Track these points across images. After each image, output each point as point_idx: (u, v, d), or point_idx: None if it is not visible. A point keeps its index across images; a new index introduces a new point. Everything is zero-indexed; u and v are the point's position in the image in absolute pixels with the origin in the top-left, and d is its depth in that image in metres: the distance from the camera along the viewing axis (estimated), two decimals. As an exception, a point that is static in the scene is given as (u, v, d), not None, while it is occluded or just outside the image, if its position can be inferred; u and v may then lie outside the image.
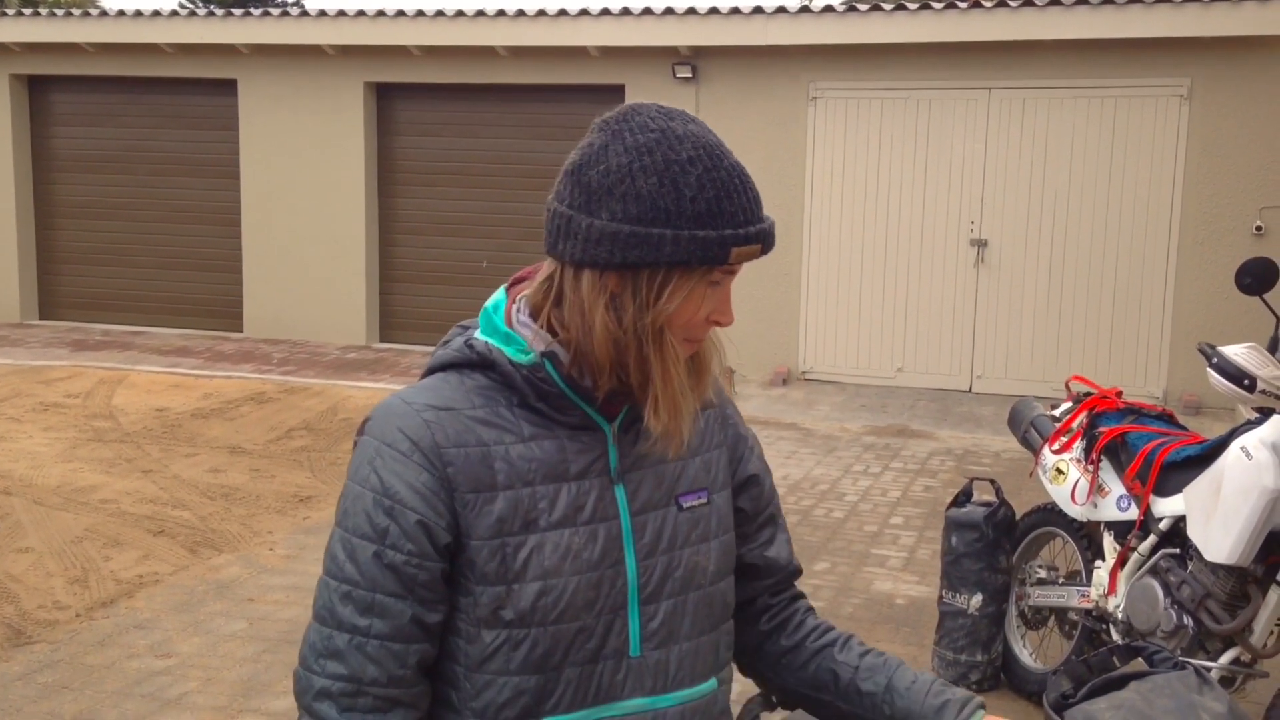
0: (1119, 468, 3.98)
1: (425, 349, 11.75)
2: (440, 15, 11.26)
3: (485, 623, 1.39)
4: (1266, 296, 3.87)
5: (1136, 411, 4.13)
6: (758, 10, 10.44)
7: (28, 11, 13.48)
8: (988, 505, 4.44)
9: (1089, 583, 4.07)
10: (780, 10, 10.35)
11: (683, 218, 1.33)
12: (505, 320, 1.45)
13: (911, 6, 9.98)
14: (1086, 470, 4.06)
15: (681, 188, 1.34)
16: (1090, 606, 4.04)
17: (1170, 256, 9.88)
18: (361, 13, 11.52)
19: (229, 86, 12.35)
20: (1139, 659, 1.56)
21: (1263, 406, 3.63)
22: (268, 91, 12.19)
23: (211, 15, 12.42)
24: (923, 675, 1.56)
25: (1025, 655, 4.49)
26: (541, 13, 11.09)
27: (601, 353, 1.37)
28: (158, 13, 12.13)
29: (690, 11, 10.67)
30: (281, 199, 12.26)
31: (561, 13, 10.99)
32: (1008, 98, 10.16)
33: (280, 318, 12.39)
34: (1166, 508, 3.76)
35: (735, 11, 10.48)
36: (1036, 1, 9.65)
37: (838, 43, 10.24)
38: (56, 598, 5.24)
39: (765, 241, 1.39)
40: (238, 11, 12.05)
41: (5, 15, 12.84)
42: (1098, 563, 4.03)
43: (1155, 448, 3.84)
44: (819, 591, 5.51)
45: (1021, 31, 9.73)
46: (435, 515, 1.37)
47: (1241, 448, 3.48)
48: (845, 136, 10.56)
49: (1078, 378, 4.42)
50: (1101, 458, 4.03)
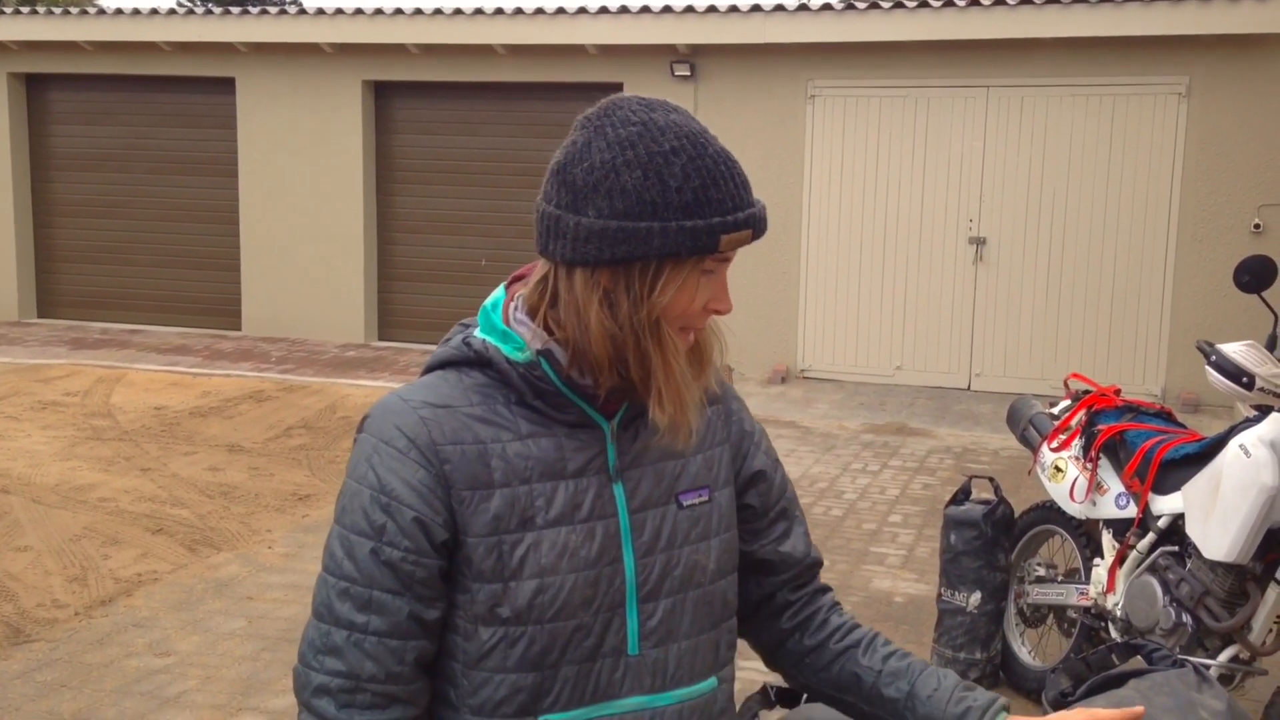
0: (1118, 465, 3.98)
1: (424, 347, 11.75)
2: (438, 13, 11.26)
3: (482, 620, 1.39)
4: (1265, 294, 3.87)
5: (1135, 409, 4.13)
6: (756, 8, 10.43)
7: (26, 10, 13.46)
8: (986, 503, 4.44)
9: (1088, 580, 4.07)
10: (779, 8, 10.35)
11: (670, 209, 1.33)
12: (503, 318, 1.45)
13: (910, 4, 9.97)
14: (1085, 468, 4.06)
15: (666, 179, 1.33)
16: (1089, 604, 4.04)
17: (1169, 254, 9.88)
18: (360, 11, 11.52)
19: (227, 85, 12.34)
20: (1138, 657, 1.56)
21: (1261, 404, 3.64)
22: (266, 90, 12.18)
23: (210, 14, 12.40)
24: (946, 680, 1.54)
25: (1024, 653, 4.50)
26: (540, 11, 11.08)
27: (600, 350, 1.37)
28: (156, 11, 12.12)
29: (689, 9, 10.67)
30: (280, 197, 12.25)
31: (560, 11, 10.99)
32: (1006, 96, 10.16)
33: (279, 316, 12.38)
34: (1165, 505, 3.76)
35: (734, 9, 10.48)
36: (1035, -1, 9.67)
37: (836, 41, 10.24)
38: (55, 596, 5.24)
39: (756, 227, 1.38)
40: (236, 10, 12.03)
41: (3, 13, 12.82)
42: (1096, 560, 4.03)
43: (1154, 445, 3.84)
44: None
45: (1020, 29, 9.73)
46: (432, 512, 1.37)
47: (1240, 445, 3.48)
48: (844, 134, 10.56)
49: (1076, 375, 4.42)
50: (1100, 455, 4.03)
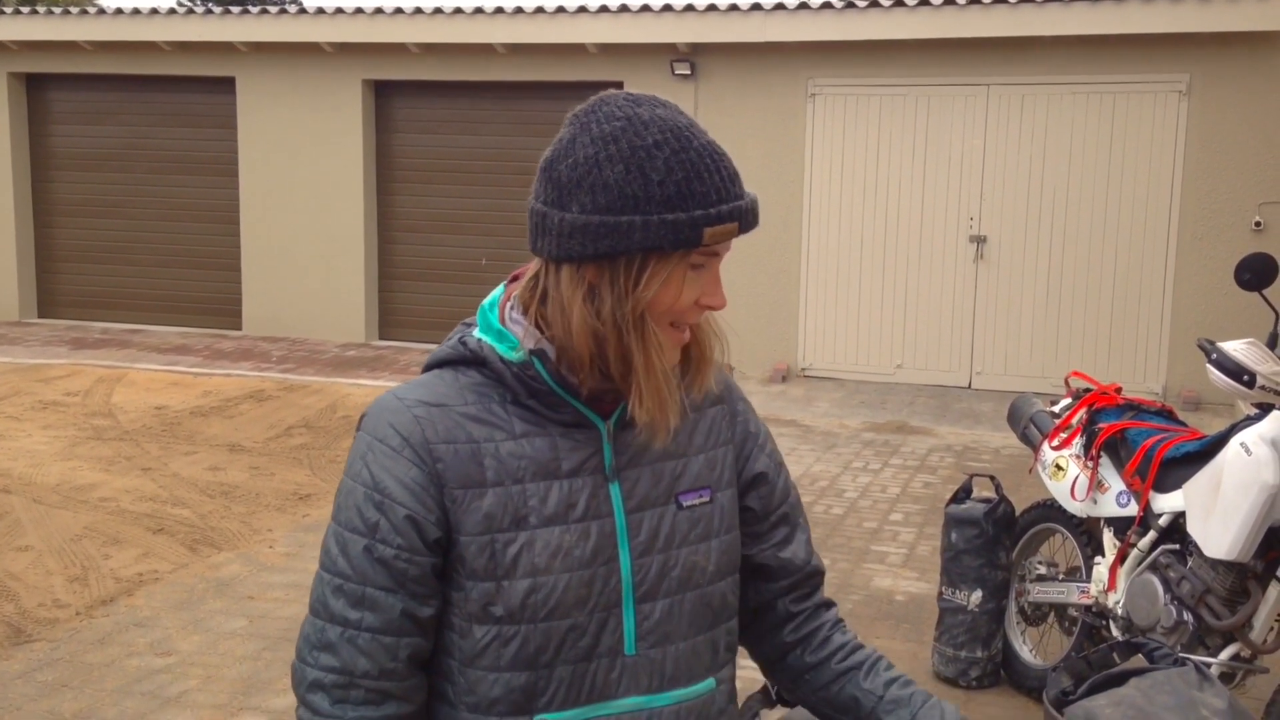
0: (1118, 464, 3.98)
1: (424, 346, 11.75)
2: (438, 12, 11.26)
3: (476, 618, 1.39)
4: (1266, 292, 3.86)
5: (1136, 407, 4.13)
6: (756, 7, 10.42)
7: (26, 10, 13.46)
8: (987, 501, 4.44)
9: (1089, 579, 4.07)
10: (779, 7, 10.34)
11: (651, 202, 1.32)
12: (499, 317, 1.44)
13: (910, 3, 9.96)
14: (1086, 466, 4.06)
15: (648, 173, 1.32)
16: (1090, 603, 4.04)
17: (1169, 252, 9.88)
18: (360, 10, 11.51)
19: (227, 84, 12.34)
20: (1139, 655, 1.56)
21: (1262, 402, 3.63)
22: (266, 89, 12.18)
23: (210, 13, 12.40)
24: (949, 714, 1.51)
25: (1025, 651, 4.50)
26: (540, 10, 11.08)
27: (581, 346, 1.36)
28: (156, 11, 12.12)
29: (689, 8, 10.66)
30: (280, 197, 12.25)
31: (560, 10, 10.98)
32: (1006, 94, 10.16)
33: (279, 315, 12.38)
34: (1166, 504, 3.76)
35: (734, 8, 10.47)
36: (1035, -3, 9.66)
37: (836, 39, 10.24)
38: (56, 596, 5.24)
39: (742, 219, 1.36)
40: (236, 9, 12.03)
41: (3, 13, 12.82)
42: (1097, 559, 4.03)
43: (1155, 444, 3.84)
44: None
45: (1020, 27, 9.73)
46: (424, 510, 1.37)
47: (1241, 443, 3.48)
48: (844, 133, 10.56)
49: (1077, 374, 4.42)
50: (1101, 454, 4.03)
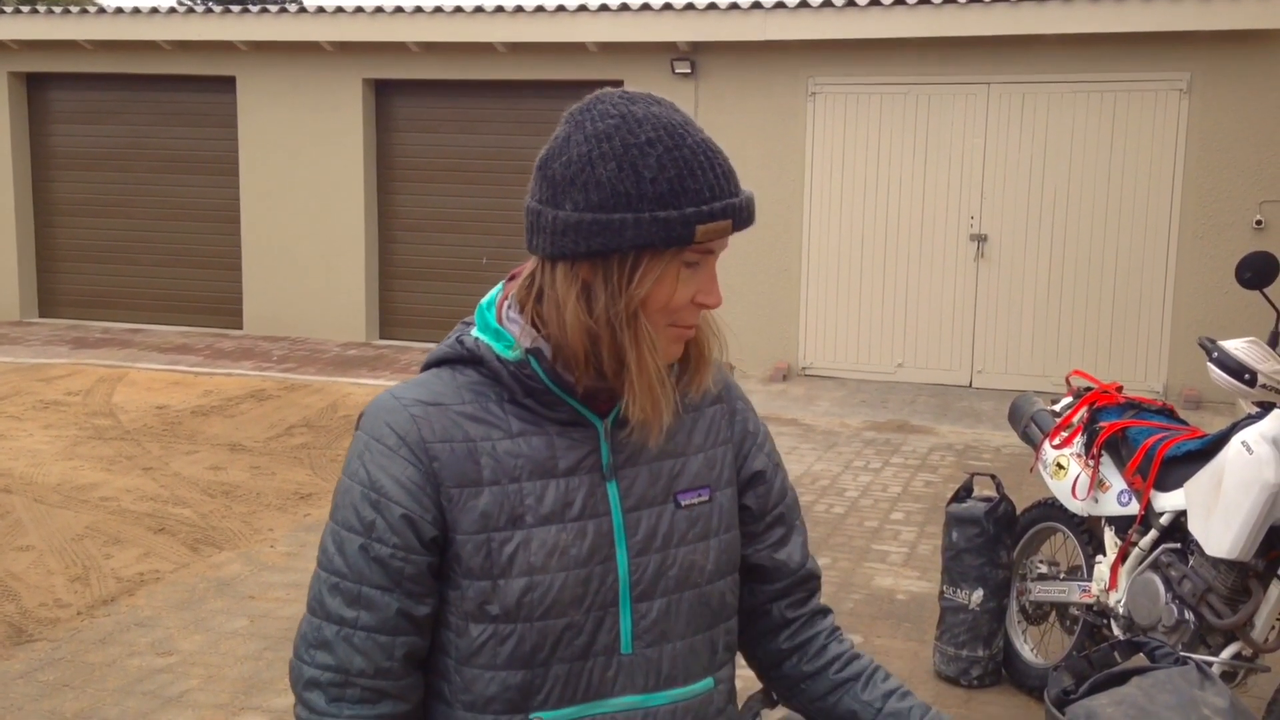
0: (1120, 463, 3.98)
1: (425, 346, 11.74)
2: (439, 11, 11.25)
3: (472, 617, 1.39)
4: (1267, 291, 3.86)
5: (1137, 406, 4.13)
6: (757, 5, 10.42)
7: (26, 9, 13.45)
8: (988, 500, 4.44)
9: (1090, 578, 4.07)
10: (779, 5, 10.33)
11: (644, 200, 1.32)
12: (496, 316, 1.45)
13: (910, 1, 9.96)
14: (1087, 465, 4.06)
15: (640, 170, 1.32)
16: (1091, 602, 4.04)
17: (1170, 251, 9.88)
18: (360, 9, 11.51)
19: (228, 84, 12.34)
20: (1140, 654, 1.56)
21: (1263, 401, 3.63)
22: (266, 88, 12.18)
23: (210, 12, 12.40)
24: None
25: (1026, 650, 4.49)
26: (540, 8, 11.07)
27: (576, 343, 1.36)
28: (156, 10, 12.12)
29: (689, 7, 10.65)
30: (280, 196, 12.25)
31: (560, 8, 10.98)
32: (1007, 92, 10.15)
33: (280, 315, 12.38)
34: (1167, 502, 3.76)
35: (734, 7, 10.47)
36: (1036, -4, 9.65)
37: (836, 38, 10.23)
38: (57, 596, 5.24)
39: (736, 216, 1.36)
40: (236, 8, 12.04)
41: (4, 13, 12.82)
42: (1099, 558, 4.03)
43: (1156, 442, 3.84)
44: (822, 579, 5.51)
45: (1021, 26, 9.72)
46: (420, 509, 1.38)
47: (1242, 442, 3.48)
48: (844, 132, 10.55)
49: (1078, 372, 4.42)
50: (1102, 453, 4.03)
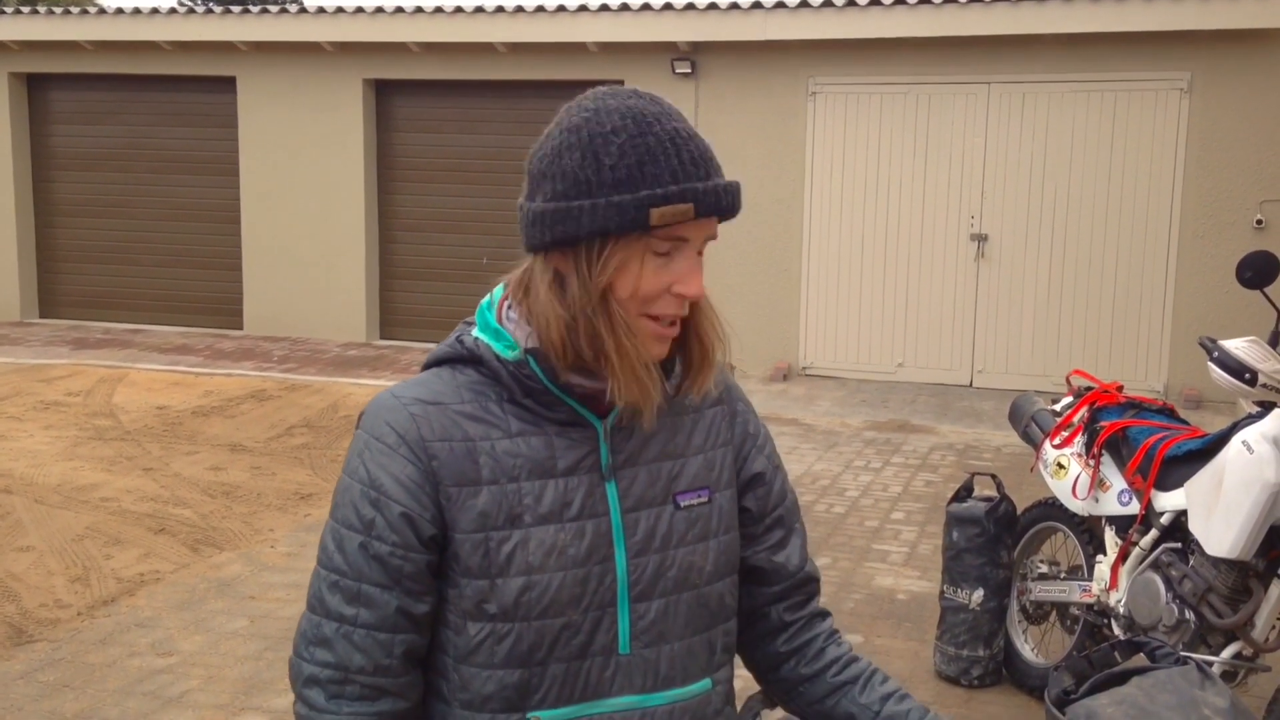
0: (1120, 462, 3.97)
1: (425, 346, 11.74)
2: (439, 11, 11.25)
3: (470, 615, 1.40)
4: (1267, 290, 3.86)
5: (1137, 406, 4.13)
6: (757, 5, 10.41)
7: (26, 9, 13.46)
8: (989, 500, 4.44)
9: (1090, 577, 4.07)
10: (779, 5, 10.33)
11: (602, 186, 1.34)
12: (496, 316, 1.45)
13: (910, 1, 9.96)
14: (1088, 465, 4.05)
15: (602, 158, 1.34)
16: (1092, 601, 4.04)
17: (1171, 250, 9.87)
18: (360, 9, 11.51)
19: (228, 84, 12.34)
20: (1141, 654, 1.56)
21: (1264, 400, 3.63)
22: (267, 89, 12.18)
23: (210, 13, 12.40)
24: None
25: (1027, 650, 4.49)
26: (540, 9, 11.07)
27: (553, 333, 1.37)
28: (156, 10, 12.12)
29: (689, 7, 10.65)
30: (281, 196, 12.25)
31: (560, 9, 10.98)
32: (1007, 92, 10.15)
33: (280, 315, 12.38)
34: (1168, 502, 3.76)
35: (734, 7, 10.46)
36: (1036, -5, 9.65)
37: (837, 37, 10.23)
38: (58, 596, 5.24)
39: (700, 201, 1.34)
40: (236, 9, 12.03)
41: (4, 13, 12.82)
42: (1099, 557, 4.03)
43: (1156, 442, 3.84)
44: (820, 582, 5.51)
45: (1021, 25, 9.72)
46: (419, 508, 1.38)
47: (1243, 442, 3.48)
48: (845, 131, 10.55)
49: (1079, 372, 4.41)
50: (1103, 452, 4.02)
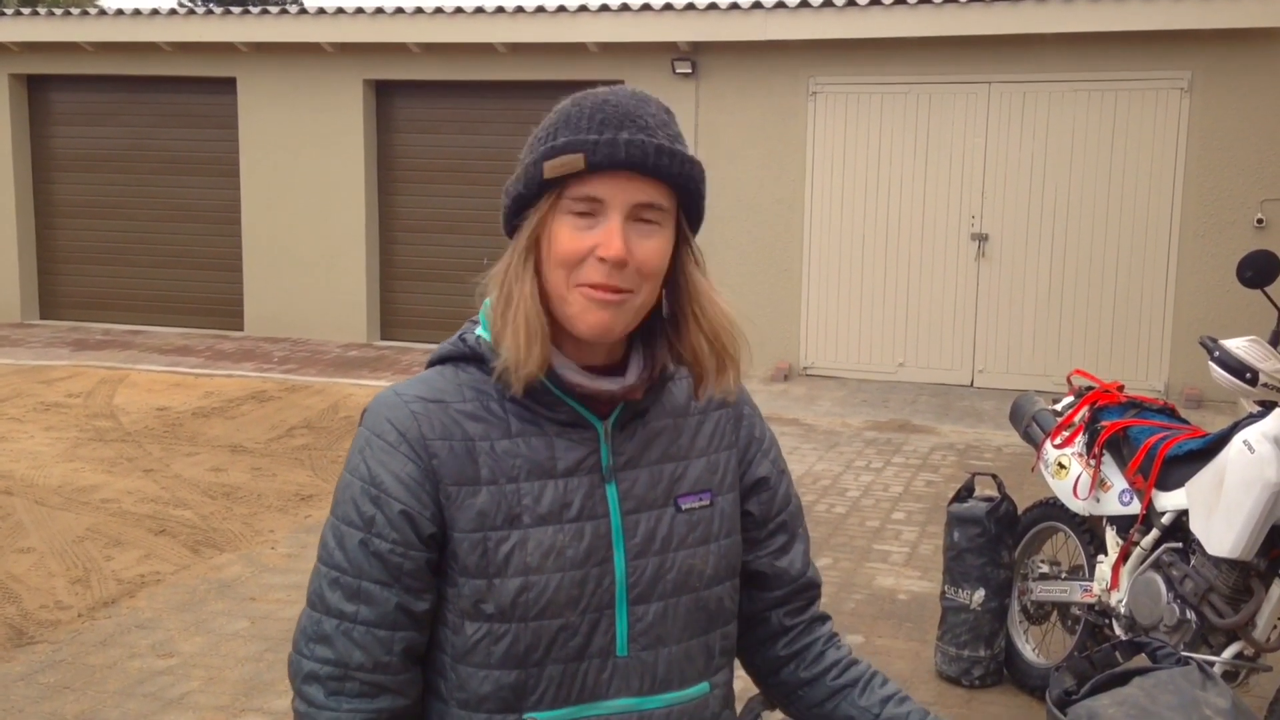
0: (1121, 462, 3.97)
1: (426, 346, 11.74)
2: (439, 12, 11.25)
3: (468, 615, 1.39)
4: (1268, 289, 3.85)
5: (1138, 405, 4.12)
6: (757, 5, 10.41)
7: (26, 11, 13.46)
8: (990, 500, 4.44)
9: (1091, 577, 4.07)
10: (780, 5, 10.33)
11: (529, 158, 1.38)
12: None
13: (911, 1, 9.95)
14: (1089, 465, 4.05)
15: (537, 135, 1.39)
16: (1093, 601, 4.03)
17: (1171, 250, 9.87)
18: (360, 10, 11.51)
19: (228, 85, 12.34)
20: (1142, 654, 1.55)
21: (1265, 400, 3.62)
22: (267, 90, 12.18)
23: (210, 14, 12.40)
24: None
25: (1028, 650, 4.49)
26: (541, 9, 11.07)
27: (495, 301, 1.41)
28: (156, 11, 12.12)
29: (689, 7, 10.65)
30: (281, 197, 12.25)
31: (561, 9, 10.98)
32: (1008, 92, 10.14)
33: (281, 316, 12.38)
34: (1169, 502, 3.75)
35: (734, 7, 10.46)
36: (1036, -5, 9.64)
37: (837, 37, 10.23)
38: (58, 598, 5.24)
39: (590, 151, 1.32)
40: (237, 10, 12.04)
41: (4, 15, 12.82)
42: (1100, 557, 4.02)
43: (1157, 442, 3.83)
44: (821, 587, 5.51)
45: (1021, 25, 9.72)
46: (419, 505, 1.38)
47: (1244, 441, 3.47)
48: (845, 131, 10.55)
49: (1079, 372, 4.41)
50: (1103, 452, 4.02)
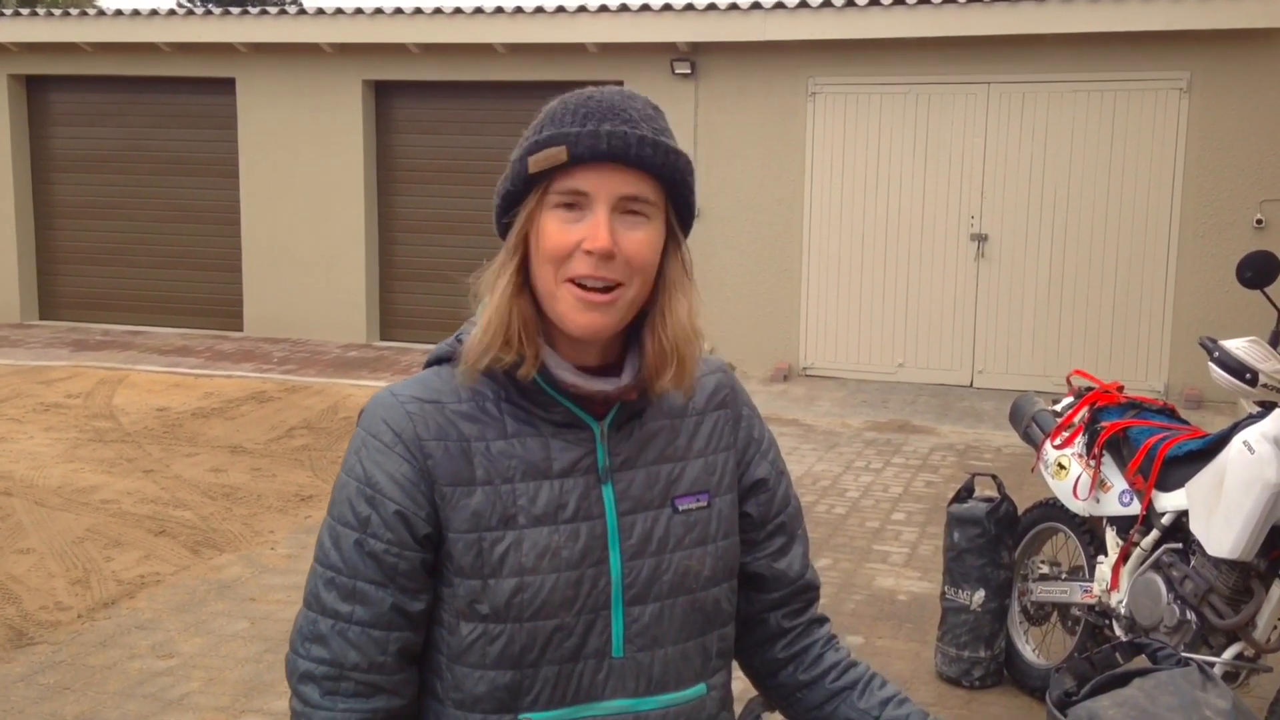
0: (1121, 463, 3.97)
1: (425, 347, 11.73)
2: (438, 13, 11.25)
3: (463, 615, 1.39)
4: (1268, 290, 3.85)
5: (1138, 406, 4.12)
6: (756, 6, 10.41)
7: (26, 11, 13.46)
8: (990, 501, 4.44)
9: (1092, 578, 4.06)
10: (779, 6, 10.33)
11: (515, 155, 1.40)
12: None
13: (910, 1, 9.95)
14: (1088, 465, 4.05)
15: (525, 135, 1.41)
16: (1093, 602, 4.03)
17: (1171, 250, 9.87)
18: (360, 11, 11.51)
19: (228, 85, 12.34)
20: (1142, 655, 1.55)
21: (1264, 400, 3.62)
22: (266, 90, 12.17)
23: (209, 14, 12.40)
24: None
25: (1028, 651, 4.49)
26: (540, 9, 11.07)
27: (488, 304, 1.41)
28: (156, 12, 12.12)
29: (689, 7, 10.65)
30: (281, 197, 12.25)
31: (560, 9, 10.98)
32: (1007, 92, 10.15)
33: (280, 316, 12.38)
34: (1169, 502, 3.75)
35: (734, 7, 10.46)
36: (1036, -5, 9.65)
37: (836, 38, 10.23)
38: (58, 598, 5.24)
39: (572, 143, 1.34)
40: (236, 10, 12.02)
41: (3, 15, 12.82)
42: (1100, 558, 4.02)
43: (1157, 442, 3.83)
44: (821, 589, 5.51)
45: (1021, 25, 9.72)
46: (414, 506, 1.38)
47: (1244, 442, 3.47)
48: (845, 132, 10.55)
49: (1079, 372, 4.41)
50: (1103, 453, 4.02)
